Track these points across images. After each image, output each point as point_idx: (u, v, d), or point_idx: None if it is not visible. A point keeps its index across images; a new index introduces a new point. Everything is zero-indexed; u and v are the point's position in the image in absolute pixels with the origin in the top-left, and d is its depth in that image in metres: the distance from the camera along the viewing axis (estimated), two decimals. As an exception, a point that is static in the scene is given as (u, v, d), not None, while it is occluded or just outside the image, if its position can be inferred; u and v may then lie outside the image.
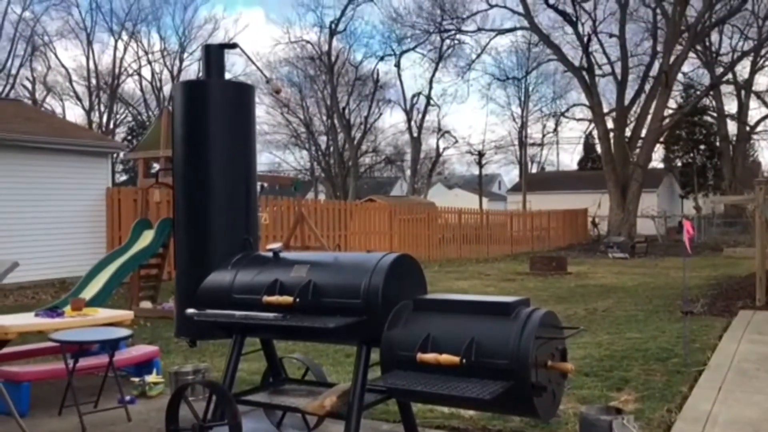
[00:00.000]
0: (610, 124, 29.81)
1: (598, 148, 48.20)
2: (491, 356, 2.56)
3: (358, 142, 42.43)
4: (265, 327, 3.14)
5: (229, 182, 3.48)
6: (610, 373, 5.11)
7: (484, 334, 2.62)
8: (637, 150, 29.69)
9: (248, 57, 3.87)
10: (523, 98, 42.20)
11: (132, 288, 9.21)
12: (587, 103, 30.66)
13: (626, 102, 30.44)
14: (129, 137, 44.97)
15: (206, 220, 3.43)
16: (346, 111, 42.38)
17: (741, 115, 40.72)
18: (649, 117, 29.03)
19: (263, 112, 42.79)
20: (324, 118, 44.92)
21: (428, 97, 39.39)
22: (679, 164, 40.87)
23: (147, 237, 8.98)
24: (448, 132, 39.36)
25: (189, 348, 6.73)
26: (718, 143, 40.02)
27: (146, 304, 9.40)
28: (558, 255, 17.65)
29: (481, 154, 37.05)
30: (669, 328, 7.08)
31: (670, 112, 31.98)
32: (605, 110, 30.67)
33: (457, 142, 39.80)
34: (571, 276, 15.13)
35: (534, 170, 49.35)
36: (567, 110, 35.06)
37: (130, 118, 45.97)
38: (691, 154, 38.78)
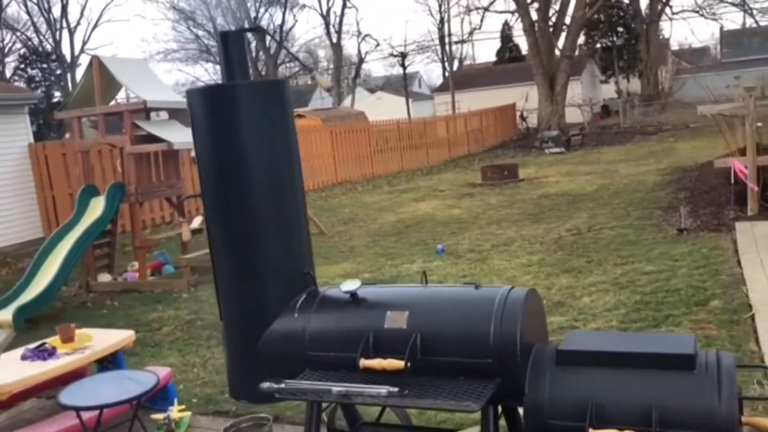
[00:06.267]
0: (534, 16, 29.24)
1: (516, 40, 47.89)
2: (683, 428, 2.10)
3: (274, 52, 40.43)
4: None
5: (276, 204, 2.79)
6: (659, 330, 4.83)
7: (665, 399, 2.14)
8: (562, 39, 29.40)
9: (282, 45, 3.08)
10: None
11: (87, 260, 8.31)
12: (510, -6, 29.87)
13: (548, -10, 29.79)
14: (23, 66, 41.41)
15: (256, 253, 2.76)
16: (258, 20, 40.02)
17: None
18: (572, 4, 28.61)
19: (169, 28, 40.02)
20: (233, 28, 42.40)
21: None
22: (598, 46, 40.96)
23: (97, 205, 8.03)
24: (368, 35, 37.84)
25: (180, 339, 6.12)
26: (634, 24, 40.25)
27: (104, 277, 8.58)
28: (509, 163, 17.44)
29: (404, 56, 35.96)
30: (677, 254, 6.88)
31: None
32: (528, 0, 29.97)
33: (379, 44, 38.42)
34: (525, 184, 14.97)
35: (455, 66, 48.58)
36: (492, 3, 34.09)
37: (19, 45, 42.14)
38: (611, 37, 38.90)
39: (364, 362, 2.47)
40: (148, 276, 8.48)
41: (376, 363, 2.44)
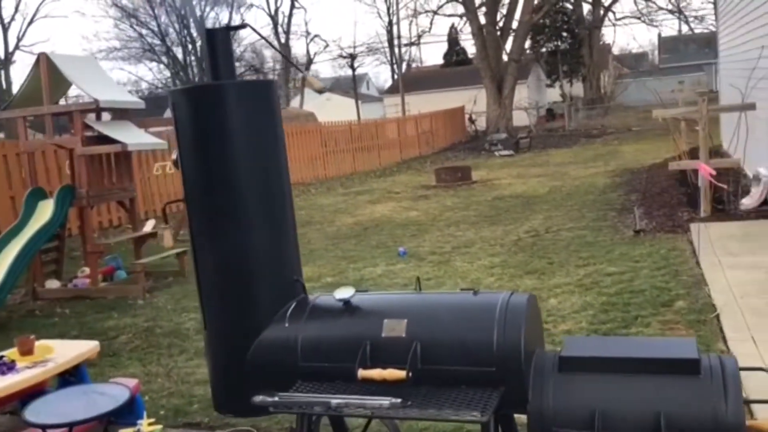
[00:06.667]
0: (482, 20, 29.60)
1: (463, 43, 48.44)
2: (692, 433, 2.09)
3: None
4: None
5: (265, 208, 2.68)
6: (629, 330, 4.89)
7: (672, 405, 2.13)
8: (509, 43, 29.85)
9: (270, 43, 2.97)
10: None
11: (34, 265, 7.95)
12: (459, -2, 30.15)
13: (495, -6, 30.22)
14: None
15: (243, 259, 2.65)
16: (204, 19, 39.37)
17: (595, -1, 42.06)
18: (519, 9, 29.07)
19: (111, 26, 38.99)
20: (177, 26, 41.64)
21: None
22: (543, 51, 41.74)
23: (45, 209, 7.70)
24: (317, 36, 37.67)
25: (140, 347, 5.90)
26: (577, 30, 41.19)
27: (53, 283, 8.23)
28: (462, 165, 17.55)
29: (353, 57, 35.89)
30: (637, 255, 7.01)
31: (537, 1, 32.17)
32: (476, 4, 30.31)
33: (328, 45, 38.24)
34: (478, 185, 15.09)
35: (403, 69, 48.80)
36: (441, 7, 34.38)
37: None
38: (557, 42, 39.70)
39: (362, 372, 2.38)
40: (100, 282, 8.17)
41: (376, 373, 2.36)
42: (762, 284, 5.48)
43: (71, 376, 4.08)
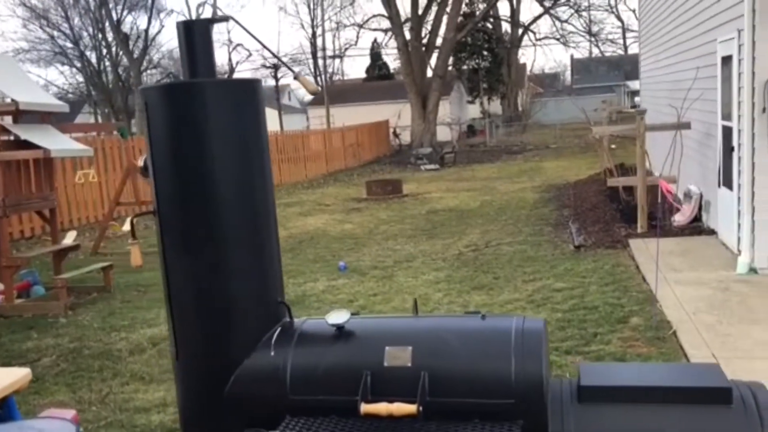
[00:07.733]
0: (407, 36, 29.83)
1: (385, 57, 48.84)
2: (729, 467, 1.96)
3: (138, 57, 38.38)
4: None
5: (247, 222, 2.40)
6: (590, 348, 4.82)
7: (706, 436, 2.00)
8: (434, 59, 30.19)
9: (255, 38, 2.67)
10: (312, 5, 40.82)
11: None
12: (385, 13, 30.27)
13: (420, 11, 30.55)
14: None
15: (222, 279, 2.35)
16: (121, 24, 37.95)
17: (513, 19, 43.39)
18: (443, 26, 29.47)
19: (19, 26, 36.95)
20: (91, 30, 39.93)
21: (214, 7, 36.39)
22: (465, 68, 42.52)
23: (-46, 220, 7.01)
24: (240, 45, 36.98)
25: (67, 371, 5.39)
26: (497, 49, 42.23)
27: (-40, 301, 7.49)
28: (393, 178, 17.48)
29: (276, 68, 35.39)
30: (582, 271, 7.03)
31: (461, 20, 32.73)
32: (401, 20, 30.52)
33: (251, 55, 37.50)
34: (410, 199, 15.02)
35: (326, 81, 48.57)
36: (366, 21, 34.43)
37: None
38: (478, 60, 40.51)
39: (366, 407, 2.13)
40: (15, 298, 7.51)
41: (383, 408, 2.12)
42: (710, 300, 5.57)
43: (-2, 409, 3.61)
